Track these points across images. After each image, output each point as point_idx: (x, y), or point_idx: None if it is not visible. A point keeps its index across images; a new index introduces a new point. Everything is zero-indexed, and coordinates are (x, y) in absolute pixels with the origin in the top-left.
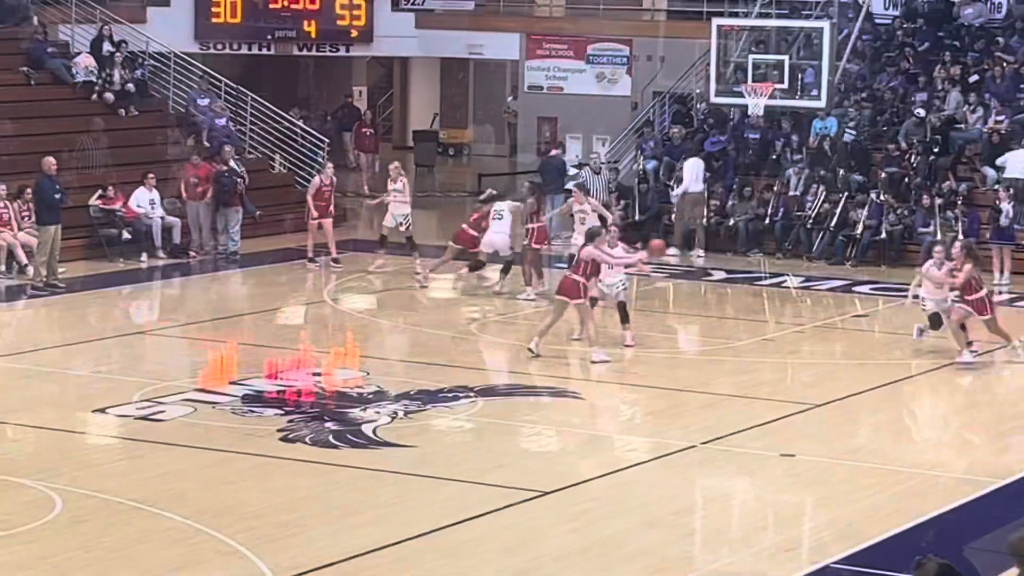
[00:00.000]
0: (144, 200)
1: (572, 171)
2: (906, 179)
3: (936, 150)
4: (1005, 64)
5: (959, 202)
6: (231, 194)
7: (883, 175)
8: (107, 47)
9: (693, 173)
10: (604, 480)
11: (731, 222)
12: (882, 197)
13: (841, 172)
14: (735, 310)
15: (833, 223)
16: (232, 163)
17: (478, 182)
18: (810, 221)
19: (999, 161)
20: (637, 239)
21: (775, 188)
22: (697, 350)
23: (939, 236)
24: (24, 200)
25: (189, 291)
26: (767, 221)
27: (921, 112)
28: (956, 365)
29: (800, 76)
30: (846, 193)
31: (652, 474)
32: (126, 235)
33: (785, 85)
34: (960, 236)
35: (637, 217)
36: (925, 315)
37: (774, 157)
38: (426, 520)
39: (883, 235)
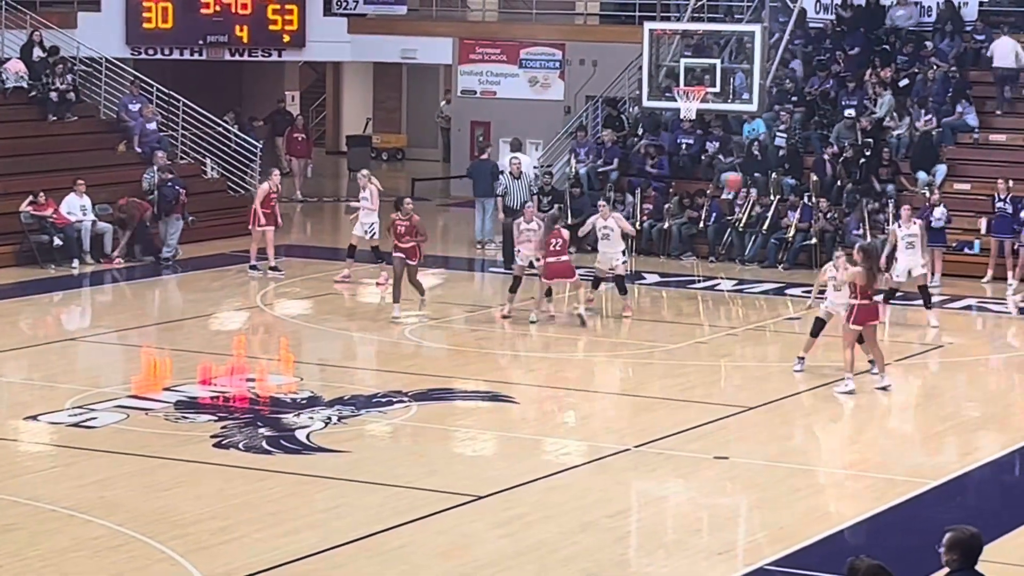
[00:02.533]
0: (75, 206)
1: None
2: (838, 182)
3: (868, 153)
4: (936, 67)
5: (889, 204)
6: (173, 203)
7: (814, 178)
8: (37, 52)
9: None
10: (538, 484)
11: (665, 225)
12: (813, 200)
13: (773, 175)
14: (668, 313)
15: (765, 226)
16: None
17: (411, 187)
18: (741, 224)
19: (987, 54)
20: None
21: (708, 192)
22: (631, 353)
23: (869, 239)
24: None
25: (122, 297)
26: (700, 225)
27: (852, 115)
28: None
29: (732, 80)
30: (778, 196)
31: (586, 478)
32: (57, 241)
33: (717, 89)
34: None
35: (570, 220)
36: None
37: (706, 160)
38: (360, 526)
39: (814, 238)
